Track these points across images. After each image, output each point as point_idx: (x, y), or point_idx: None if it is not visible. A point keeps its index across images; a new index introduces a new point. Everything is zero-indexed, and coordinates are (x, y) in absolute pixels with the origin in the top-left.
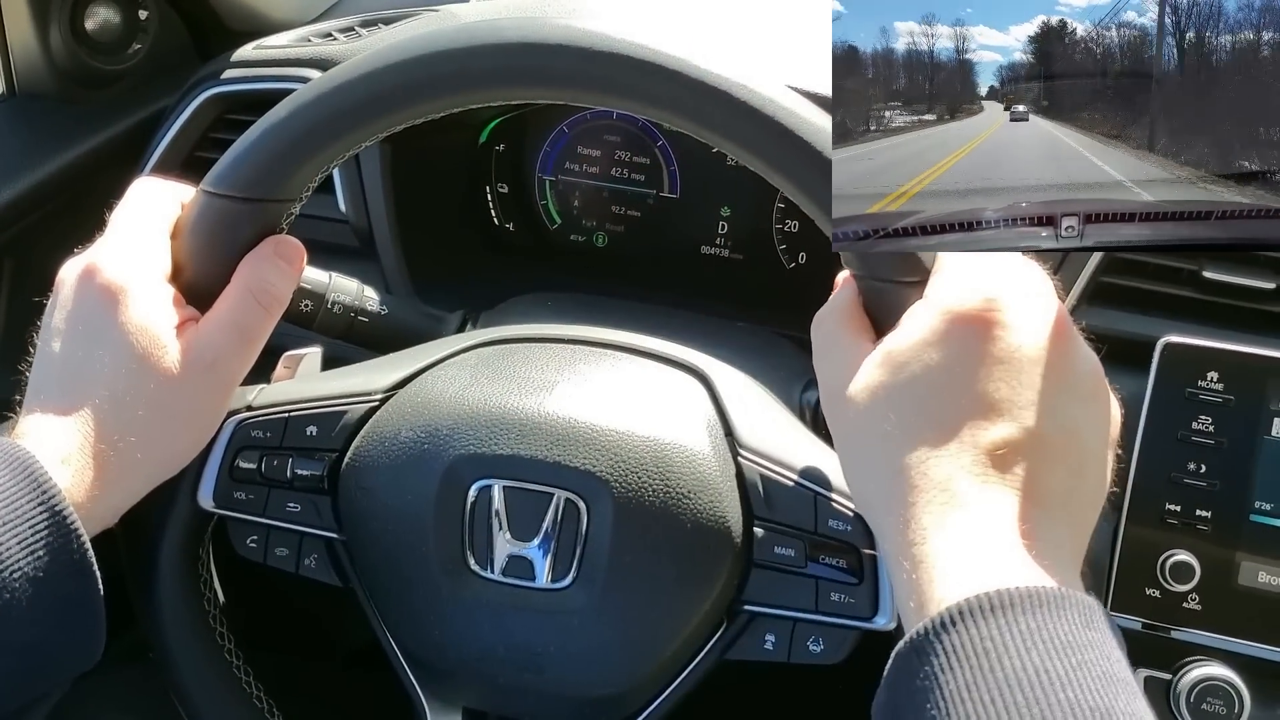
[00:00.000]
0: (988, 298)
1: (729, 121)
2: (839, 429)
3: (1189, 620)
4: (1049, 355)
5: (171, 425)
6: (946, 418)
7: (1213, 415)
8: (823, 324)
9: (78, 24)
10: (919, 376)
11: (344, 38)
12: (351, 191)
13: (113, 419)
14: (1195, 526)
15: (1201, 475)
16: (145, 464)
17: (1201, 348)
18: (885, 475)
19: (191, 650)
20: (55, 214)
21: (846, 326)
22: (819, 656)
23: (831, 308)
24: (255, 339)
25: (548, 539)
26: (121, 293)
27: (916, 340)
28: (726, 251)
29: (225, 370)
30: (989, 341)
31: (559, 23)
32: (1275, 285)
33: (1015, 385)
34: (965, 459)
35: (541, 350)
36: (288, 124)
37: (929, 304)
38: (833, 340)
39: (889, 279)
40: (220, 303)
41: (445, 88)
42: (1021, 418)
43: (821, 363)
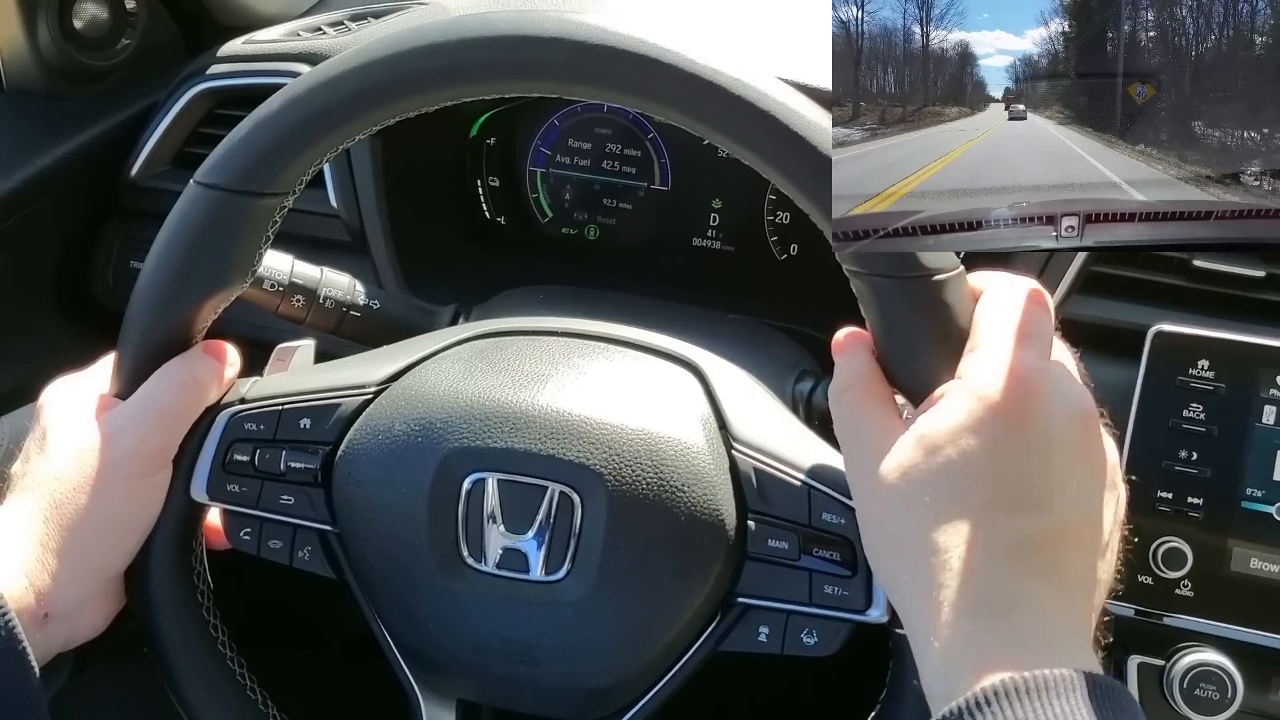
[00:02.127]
0: (1027, 386)
1: (727, 117)
2: (867, 506)
3: (1182, 607)
4: (1079, 445)
5: (108, 511)
6: (983, 504)
7: (1204, 403)
8: (845, 397)
9: (66, 20)
10: (955, 461)
11: (333, 32)
12: (342, 186)
13: (55, 522)
14: (1187, 514)
15: (1193, 463)
16: (96, 552)
17: (1192, 336)
18: (916, 556)
19: (185, 642)
20: (45, 210)
21: (872, 401)
22: (812, 649)
23: (850, 378)
24: (171, 420)
25: (542, 532)
26: (66, 412)
27: (954, 425)
28: (718, 243)
29: (144, 453)
30: (1027, 431)
31: (552, 15)
32: (1265, 273)
33: (1049, 474)
34: (1000, 546)
35: (535, 343)
36: (280, 117)
37: (967, 387)
38: (859, 415)
39: (886, 274)
40: (139, 390)
41: (438, 81)
42: (1055, 507)
43: (848, 438)
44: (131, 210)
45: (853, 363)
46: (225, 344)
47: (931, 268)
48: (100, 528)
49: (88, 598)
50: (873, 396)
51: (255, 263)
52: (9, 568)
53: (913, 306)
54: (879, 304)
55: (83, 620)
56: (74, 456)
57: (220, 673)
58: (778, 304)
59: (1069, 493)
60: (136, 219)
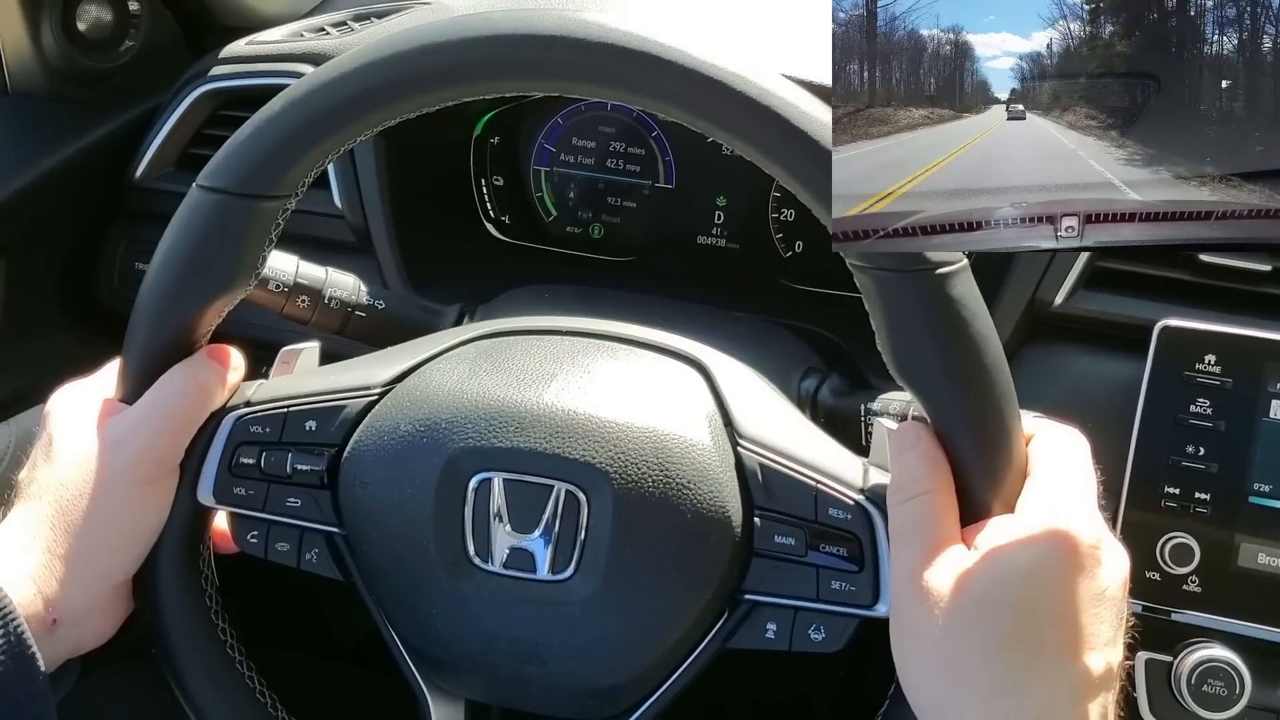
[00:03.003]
0: (1096, 536)
1: (729, 114)
2: (917, 618)
3: (1189, 602)
4: (1121, 595)
5: (115, 518)
6: (1055, 645)
7: (1211, 398)
8: (911, 506)
9: (69, 23)
10: (1030, 600)
11: (336, 32)
12: (346, 186)
13: (62, 529)
14: (1194, 509)
15: (1200, 458)
16: (103, 558)
17: (1199, 331)
18: (974, 684)
19: (193, 645)
20: (50, 213)
21: (938, 512)
22: (820, 645)
23: (919, 486)
24: (176, 426)
25: (548, 531)
26: (72, 419)
27: (1029, 564)
28: (723, 241)
29: (150, 459)
30: (1093, 579)
31: (552, 13)
32: (1272, 268)
33: (1104, 621)
34: (1063, 685)
35: (540, 342)
36: (282, 119)
37: (1040, 525)
38: (921, 524)
39: (890, 268)
40: (144, 396)
41: (438, 81)
42: (1107, 652)
43: (907, 543)
44: (136, 212)
45: (922, 467)
46: (229, 348)
47: (935, 261)
48: (107, 534)
49: (95, 604)
50: (943, 510)
51: (259, 265)
52: (17, 574)
53: (917, 300)
54: (883, 298)
55: (91, 626)
56: (80, 464)
57: (229, 675)
58: (783, 302)
59: (1116, 640)
60: (141, 221)
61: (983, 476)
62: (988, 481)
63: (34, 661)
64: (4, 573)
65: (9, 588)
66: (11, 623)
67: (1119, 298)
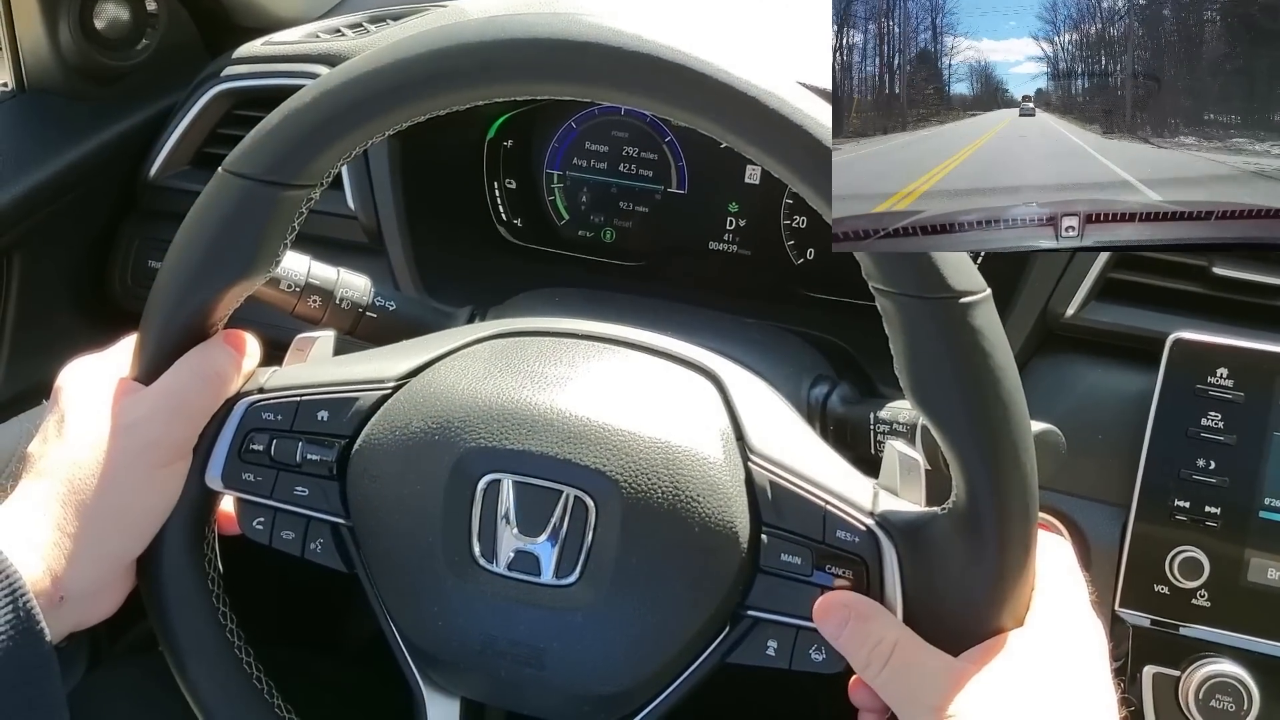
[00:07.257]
0: (1100, 647)
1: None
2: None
3: (1198, 617)
4: None
5: (126, 500)
6: None
7: (1222, 412)
8: (892, 656)
9: (87, 21)
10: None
11: (352, 33)
12: (360, 187)
13: (73, 508)
14: (1204, 523)
15: (1211, 471)
16: (113, 539)
17: (1211, 344)
18: None
19: (191, 624)
20: (65, 210)
21: (919, 649)
22: (820, 665)
23: (880, 636)
24: (191, 412)
25: (555, 536)
26: (85, 397)
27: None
28: (734, 247)
29: (164, 445)
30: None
31: (589, 20)
32: None
33: None
34: None
35: (555, 344)
36: (313, 109)
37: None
38: (910, 669)
39: (914, 294)
40: (160, 379)
41: (471, 80)
42: None
43: (906, 689)
44: (150, 210)
45: (876, 625)
46: (245, 334)
47: (959, 289)
48: (118, 515)
49: (102, 582)
50: (918, 645)
51: (279, 254)
52: (27, 551)
53: (939, 328)
54: (904, 323)
55: (96, 603)
56: (93, 445)
57: (225, 657)
58: (793, 309)
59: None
60: (155, 219)
61: (994, 587)
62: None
63: (43, 637)
64: (15, 549)
65: (19, 564)
66: (21, 598)
67: (1131, 310)
